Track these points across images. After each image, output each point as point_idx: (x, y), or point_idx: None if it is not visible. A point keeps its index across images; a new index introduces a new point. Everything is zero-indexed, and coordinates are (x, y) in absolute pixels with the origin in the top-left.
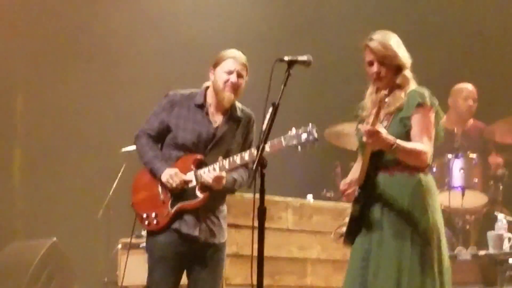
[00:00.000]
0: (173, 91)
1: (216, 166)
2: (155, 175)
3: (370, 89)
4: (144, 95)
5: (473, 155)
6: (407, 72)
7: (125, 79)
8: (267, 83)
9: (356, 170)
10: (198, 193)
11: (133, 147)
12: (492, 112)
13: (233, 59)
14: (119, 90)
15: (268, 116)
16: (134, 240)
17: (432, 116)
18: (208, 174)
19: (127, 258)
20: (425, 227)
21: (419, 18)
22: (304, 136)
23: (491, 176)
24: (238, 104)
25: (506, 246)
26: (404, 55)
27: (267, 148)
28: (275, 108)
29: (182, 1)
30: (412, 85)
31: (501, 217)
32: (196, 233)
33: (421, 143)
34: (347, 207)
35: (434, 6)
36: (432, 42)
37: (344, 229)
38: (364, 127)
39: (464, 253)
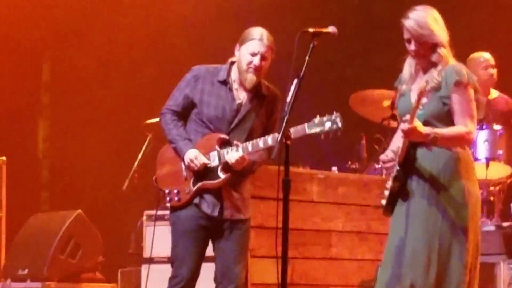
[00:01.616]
0: (197, 66)
1: (240, 148)
2: (178, 154)
3: (408, 61)
4: (168, 67)
5: (498, 127)
6: (442, 50)
7: (150, 51)
8: (292, 55)
9: (395, 142)
10: (220, 173)
11: (157, 119)
12: None
13: (258, 41)
14: (144, 62)
15: (293, 88)
16: (159, 212)
17: (471, 93)
18: (230, 154)
19: (154, 230)
20: (461, 201)
21: None
22: (328, 124)
23: None
24: (264, 82)
25: None
26: (440, 33)
27: (291, 134)
28: (300, 80)
29: None
30: (451, 62)
31: None
32: (215, 213)
33: (464, 125)
34: (372, 178)
35: None
36: (454, 13)
37: (383, 201)
38: (403, 126)
39: (488, 224)
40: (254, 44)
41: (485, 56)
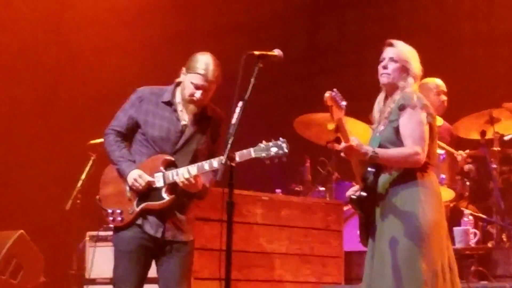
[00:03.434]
0: (142, 87)
1: (185, 170)
2: (121, 176)
3: (378, 99)
4: (112, 87)
5: (441, 151)
6: (411, 79)
7: (94, 71)
8: (237, 77)
9: None
10: (164, 194)
11: (101, 140)
12: (458, 110)
13: (202, 76)
14: (88, 82)
15: (238, 110)
16: (102, 233)
17: (420, 115)
18: (180, 175)
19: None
20: (416, 225)
21: (390, 15)
22: (273, 149)
23: (458, 172)
24: (210, 104)
25: (472, 241)
26: (416, 65)
27: (237, 158)
28: (245, 102)
29: None
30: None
31: (467, 212)
32: (158, 234)
33: (409, 146)
34: (315, 201)
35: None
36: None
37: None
38: (341, 145)
39: None
40: (198, 78)
41: (437, 82)
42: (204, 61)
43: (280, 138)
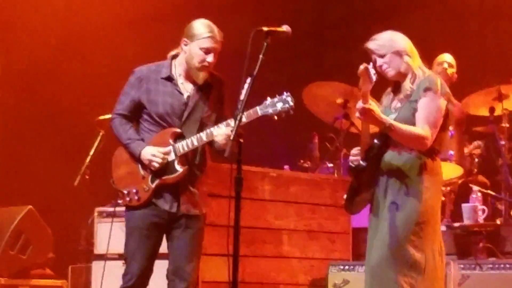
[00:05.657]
0: (138, 67)
1: (194, 138)
2: (133, 156)
3: (387, 91)
4: (121, 62)
5: (449, 127)
6: (406, 58)
7: (102, 46)
8: (245, 53)
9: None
10: (177, 167)
11: (110, 116)
12: (466, 86)
13: (211, 38)
14: (96, 57)
15: (246, 86)
16: (110, 209)
17: (440, 102)
18: (217, 131)
19: (111, 227)
20: (417, 209)
21: None
22: (279, 104)
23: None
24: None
25: (480, 218)
26: (400, 41)
27: (244, 118)
28: (253, 79)
29: None
30: (426, 71)
31: (475, 189)
32: (173, 209)
33: (421, 128)
34: (324, 177)
35: None
36: (407, 17)
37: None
38: (358, 104)
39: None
40: (207, 41)
41: (445, 55)
42: (206, 24)
43: (284, 93)
